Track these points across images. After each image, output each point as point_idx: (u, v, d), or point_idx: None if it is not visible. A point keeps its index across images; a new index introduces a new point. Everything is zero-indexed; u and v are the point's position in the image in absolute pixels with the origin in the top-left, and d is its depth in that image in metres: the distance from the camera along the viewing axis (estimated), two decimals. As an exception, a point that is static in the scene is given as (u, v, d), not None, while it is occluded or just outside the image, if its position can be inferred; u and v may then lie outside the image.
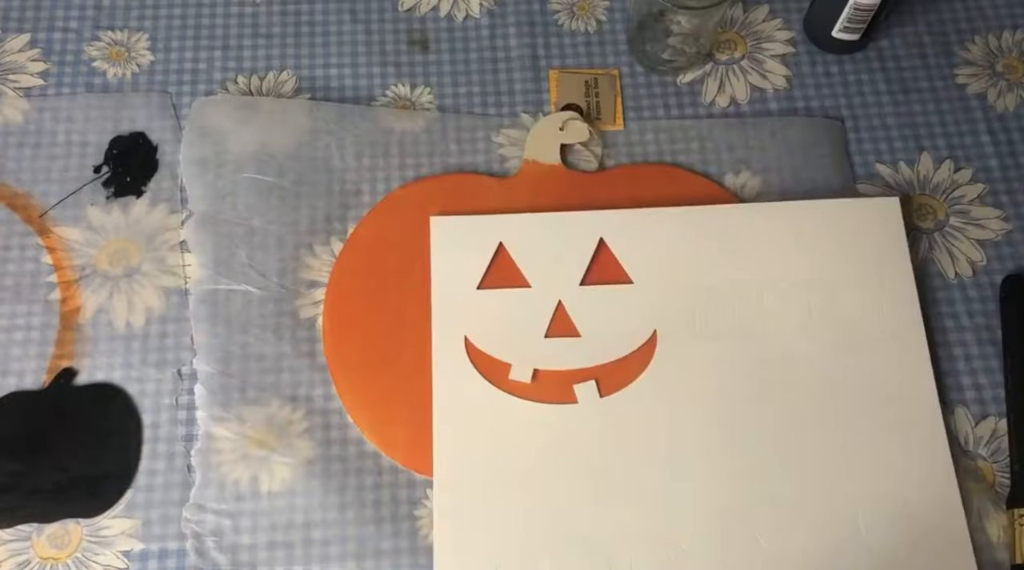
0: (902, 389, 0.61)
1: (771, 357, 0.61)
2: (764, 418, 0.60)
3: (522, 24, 0.72)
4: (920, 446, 0.60)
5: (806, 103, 0.71)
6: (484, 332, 0.61)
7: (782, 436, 0.60)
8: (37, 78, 0.68)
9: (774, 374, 0.61)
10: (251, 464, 0.59)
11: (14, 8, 0.70)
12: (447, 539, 0.57)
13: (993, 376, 0.63)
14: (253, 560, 0.57)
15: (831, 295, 0.63)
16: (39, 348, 0.61)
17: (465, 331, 0.61)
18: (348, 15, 0.72)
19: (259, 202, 0.65)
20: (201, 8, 0.72)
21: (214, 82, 0.69)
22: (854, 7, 0.67)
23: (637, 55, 0.71)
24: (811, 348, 0.62)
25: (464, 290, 0.62)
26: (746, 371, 0.61)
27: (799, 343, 0.62)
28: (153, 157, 0.66)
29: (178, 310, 0.62)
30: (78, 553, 0.56)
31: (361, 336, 0.62)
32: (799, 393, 0.60)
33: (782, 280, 0.63)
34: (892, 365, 0.61)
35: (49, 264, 0.63)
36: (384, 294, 0.63)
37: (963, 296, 0.65)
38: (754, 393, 0.61)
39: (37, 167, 0.65)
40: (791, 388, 0.61)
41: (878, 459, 0.59)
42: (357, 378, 0.61)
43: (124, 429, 0.59)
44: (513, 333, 0.61)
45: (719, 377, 0.61)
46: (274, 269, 0.63)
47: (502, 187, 0.67)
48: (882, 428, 0.60)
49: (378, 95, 0.69)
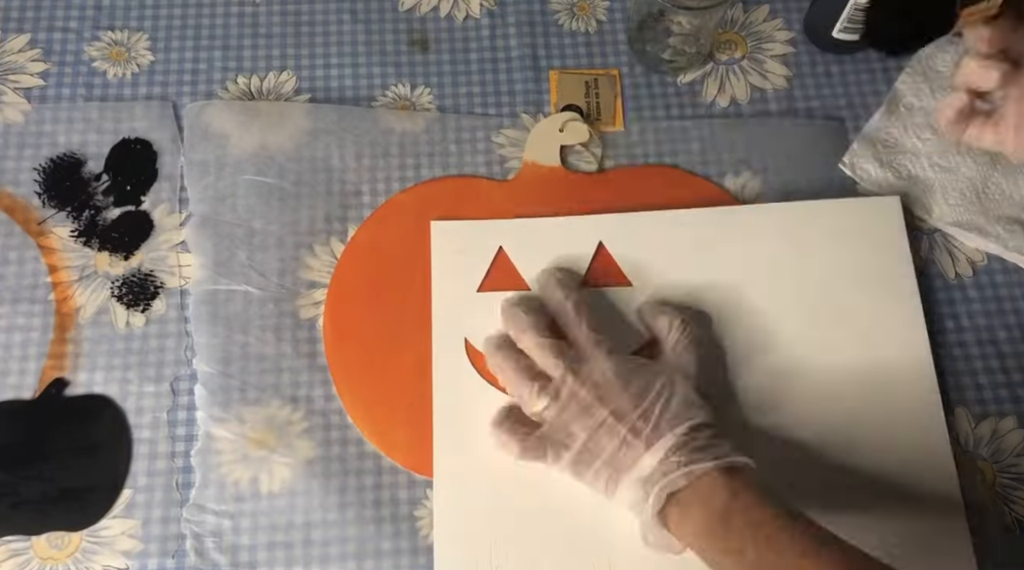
0: (903, 389, 0.61)
1: (772, 358, 0.61)
2: (765, 418, 0.60)
3: (522, 24, 0.72)
4: (921, 446, 0.60)
5: (806, 103, 0.71)
6: (484, 334, 0.61)
7: (782, 434, 0.60)
8: (37, 78, 0.68)
9: (774, 375, 0.61)
10: (251, 465, 0.59)
11: (14, 8, 0.70)
12: (447, 539, 0.57)
13: (993, 376, 0.63)
14: (253, 561, 0.57)
15: (832, 295, 0.63)
16: (31, 357, 0.60)
17: (466, 333, 0.62)
18: (348, 15, 0.72)
19: (259, 203, 0.65)
20: (201, 8, 0.72)
21: (214, 82, 0.69)
22: (854, 7, 0.67)
23: (637, 55, 0.71)
24: (812, 348, 0.62)
25: (464, 293, 0.63)
26: (746, 371, 0.61)
27: (800, 344, 0.62)
28: (153, 166, 0.66)
29: (177, 312, 0.62)
30: (77, 553, 0.56)
31: (362, 337, 0.62)
32: (799, 393, 0.60)
33: (782, 281, 0.63)
34: (893, 365, 0.61)
35: (45, 267, 0.63)
36: (385, 296, 0.63)
37: (963, 296, 0.65)
38: (754, 393, 0.61)
39: (36, 173, 0.65)
40: (791, 388, 0.61)
41: (879, 459, 0.59)
42: (357, 379, 0.61)
43: (113, 442, 0.58)
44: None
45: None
46: (274, 269, 0.63)
47: (502, 190, 0.67)
48: (882, 427, 0.60)
49: (378, 95, 0.69)
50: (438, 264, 0.63)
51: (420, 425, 0.59)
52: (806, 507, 0.50)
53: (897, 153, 0.68)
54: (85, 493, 0.57)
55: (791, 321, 0.62)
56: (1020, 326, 0.64)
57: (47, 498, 0.57)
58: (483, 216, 0.65)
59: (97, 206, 0.64)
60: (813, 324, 0.62)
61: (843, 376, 0.61)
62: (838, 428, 0.60)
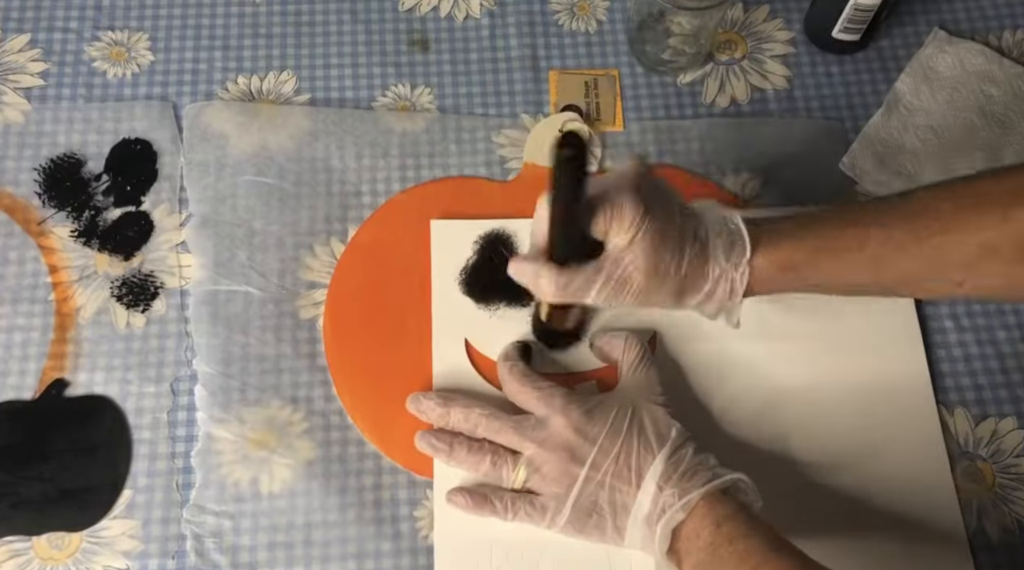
0: (898, 389, 0.61)
1: (770, 359, 0.61)
2: (764, 417, 0.60)
3: (522, 24, 0.72)
4: (917, 447, 0.60)
5: (806, 103, 0.71)
6: (485, 334, 0.61)
7: (780, 436, 0.60)
8: (37, 78, 0.68)
9: (773, 375, 0.61)
10: (251, 465, 0.59)
11: (14, 8, 0.70)
12: (447, 539, 0.57)
13: (993, 376, 0.63)
14: (253, 561, 0.57)
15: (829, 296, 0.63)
16: (31, 357, 0.60)
17: (466, 333, 0.62)
18: (348, 15, 0.72)
19: (259, 204, 0.65)
20: (201, 8, 0.72)
21: (214, 82, 0.69)
22: (854, 7, 0.67)
23: (637, 55, 0.71)
24: (810, 350, 0.62)
25: (465, 293, 0.63)
26: (746, 372, 0.61)
27: (797, 345, 0.62)
28: (153, 166, 0.66)
29: (177, 312, 0.62)
30: (78, 554, 0.56)
31: (362, 337, 0.62)
32: (798, 395, 0.60)
33: None
34: (888, 365, 0.61)
35: (45, 267, 0.63)
36: (385, 296, 0.63)
37: (963, 296, 0.65)
38: (753, 392, 0.61)
39: (36, 174, 0.65)
40: (790, 389, 0.61)
41: (875, 462, 0.59)
42: (358, 379, 0.61)
43: (113, 442, 0.58)
44: (514, 336, 0.61)
45: (719, 378, 0.61)
46: (274, 270, 0.63)
47: (502, 191, 0.67)
48: (879, 428, 0.60)
49: (378, 95, 0.69)
50: (438, 263, 0.63)
51: (421, 425, 0.59)
52: (803, 508, 0.50)
53: (897, 153, 0.68)
54: (85, 494, 0.57)
55: (788, 322, 0.62)
56: (1020, 326, 0.64)
57: (47, 499, 0.57)
58: (483, 217, 0.65)
59: (97, 206, 0.64)
60: (810, 325, 0.62)
61: (840, 377, 0.61)
62: (834, 429, 0.60)
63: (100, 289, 0.62)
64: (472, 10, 0.73)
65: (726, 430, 0.60)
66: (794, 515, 0.52)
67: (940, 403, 0.61)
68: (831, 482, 0.58)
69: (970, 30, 0.74)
